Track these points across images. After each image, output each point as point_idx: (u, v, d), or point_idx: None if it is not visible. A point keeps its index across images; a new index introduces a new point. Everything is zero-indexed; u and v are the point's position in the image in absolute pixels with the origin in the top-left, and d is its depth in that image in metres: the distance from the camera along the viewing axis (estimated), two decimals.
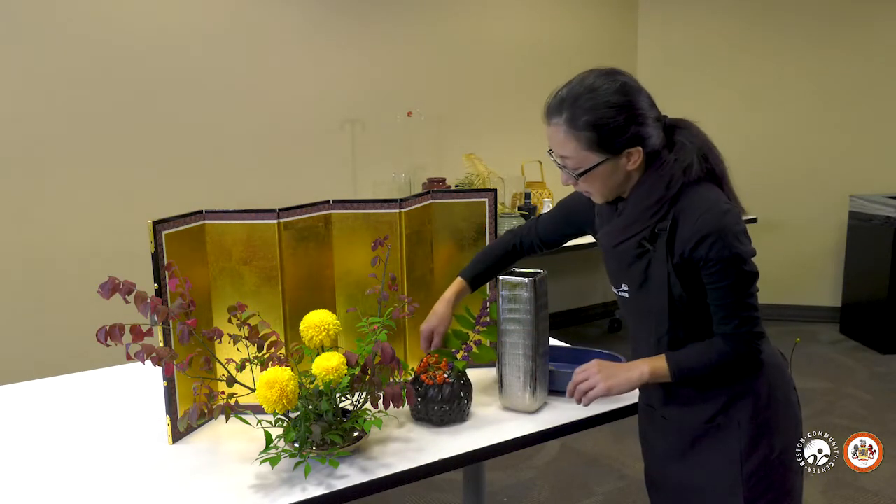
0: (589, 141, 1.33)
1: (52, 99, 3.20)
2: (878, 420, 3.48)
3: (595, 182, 1.39)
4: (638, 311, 1.48)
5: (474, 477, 2.07)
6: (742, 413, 1.41)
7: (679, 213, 1.36)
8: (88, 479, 1.39)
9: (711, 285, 1.35)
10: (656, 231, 1.37)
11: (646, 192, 1.38)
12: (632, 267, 1.43)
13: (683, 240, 1.34)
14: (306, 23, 3.82)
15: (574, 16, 4.78)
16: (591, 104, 1.33)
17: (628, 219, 1.40)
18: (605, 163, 1.35)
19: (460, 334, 1.70)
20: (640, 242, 1.39)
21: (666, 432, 1.50)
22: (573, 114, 1.33)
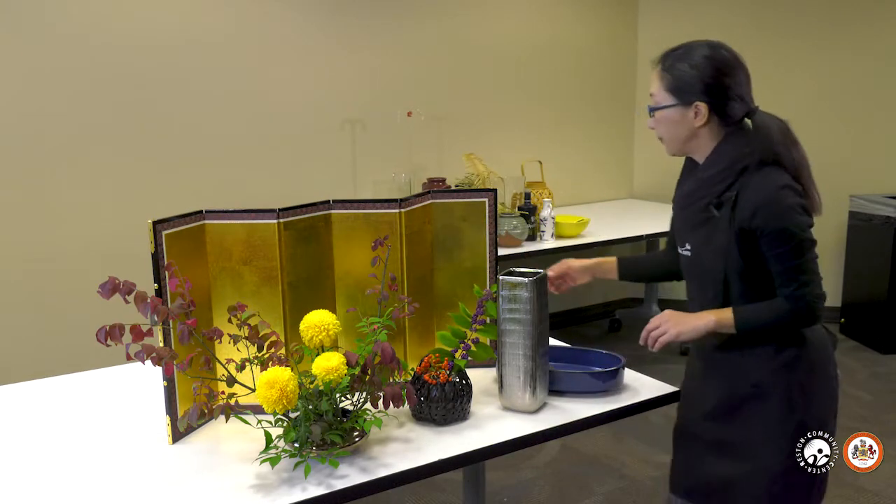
0: (667, 83, 1.58)
1: (52, 99, 3.20)
2: (878, 420, 3.48)
3: (664, 124, 1.61)
4: (697, 271, 1.64)
5: (474, 477, 2.07)
6: (784, 379, 1.56)
7: (742, 187, 1.52)
8: (88, 479, 1.39)
9: (770, 252, 1.51)
10: (722, 199, 1.54)
11: (712, 162, 1.57)
12: (696, 229, 1.61)
13: (743, 210, 1.51)
14: (306, 23, 3.82)
15: (574, 16, 4.78)
16: (681, 56, 1.58)
17: (697, 183, 1.59)
18: (674, 107, 1.57)
19: (458, 333, 1.70)
20: (706, 206, 1.56)
21: (711, 393, 1.64)
22: (666, 63, 1.60)
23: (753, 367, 1.58)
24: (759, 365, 1.58)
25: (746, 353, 1.59)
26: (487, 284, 1.86)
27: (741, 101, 1.56)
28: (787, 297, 1.51)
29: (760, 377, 1.57)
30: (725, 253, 1.54)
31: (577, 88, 4.82)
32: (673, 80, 1.57)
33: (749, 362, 1.59)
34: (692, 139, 1.59)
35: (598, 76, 4.87)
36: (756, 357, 1.58)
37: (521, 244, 3.62)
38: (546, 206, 3.74)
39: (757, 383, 1.57)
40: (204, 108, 3.56)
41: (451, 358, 1.63)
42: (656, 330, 1.57)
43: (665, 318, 1.58)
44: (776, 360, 1.56)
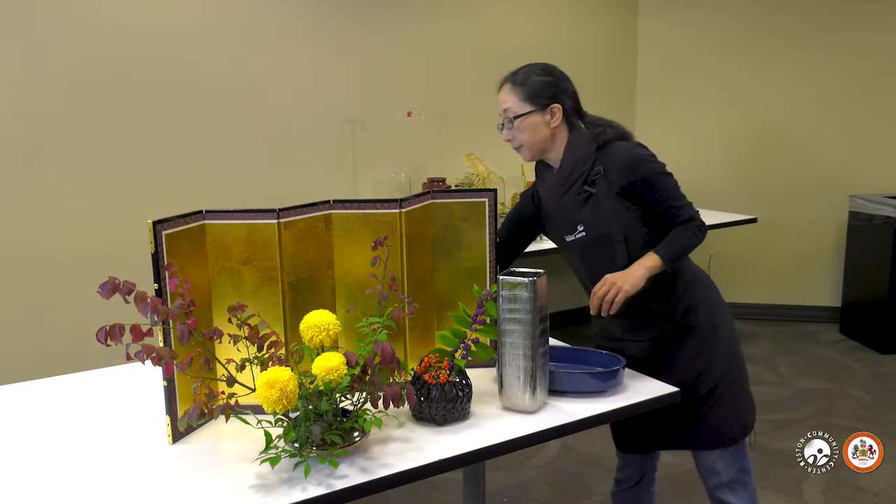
0: (523, 94, 1.81)
1: (52, 99, 3.20)
2: (878, 420, 3.48)
3: (526, 131, 1.81)
4: (596, 242, 1.81)
5: (474, 477, 2.07)
6: (694, 318, 1.83)
7: (606, 159, 1.78)
8: (88, 479, 1.39)
9: (651, 197, 1.76)
10: (592, 177, 1.78)
11: (574, 148, 1.82)
12: (582, 210, 1.81)
13: (616, 173, 1.76)
14: (307, 23, 3.82)
15: (574, 16, 4.78)
16: (528, 72, 1.86)
17: (565, 172, 1.82)
18: (534, 113, 1.80)
19: (458, 333, 1.70)
20: (581, 188, 1.79)
21: (633, 353, 1.85)
22: (517, 78, 1.85)
23: (665, 319, 1.83)
24: (668, 316, 1.83)
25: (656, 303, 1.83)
26: (487, 284, 1.86)
27: (576, 103, 1.85)
28: (682, 222, 1.76)
29: (671, 325, 1.83)
30: (615, 216, 1.76)
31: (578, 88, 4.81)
32: (528, 90, 1.81)
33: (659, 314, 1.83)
34: (550, 139, 1.82)
35: (598, 76, 4.86)
36: (664, 310, 1.83)
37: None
38: None
39: (671, 329, 1.83)
40: (204, 109, 3.56)
41: (451, 358, 1.63)
42: (609, 294, 1.70)
43: (611, 280, 1.72)
44: (680, 305, 1.83)
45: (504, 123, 1.85)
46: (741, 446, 1.88)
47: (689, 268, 1.90)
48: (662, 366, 1.84)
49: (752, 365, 4.07)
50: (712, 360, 1.84)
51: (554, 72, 1.88)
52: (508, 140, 1.86)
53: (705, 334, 1.85)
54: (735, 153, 5.09)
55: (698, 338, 1.84)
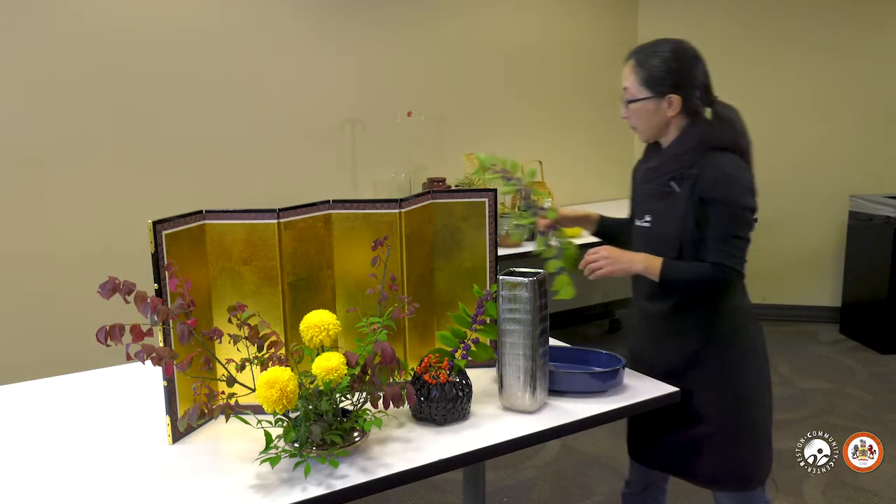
0: (642, 77, 1.73)
1: (52, 98, 3.20)
2: (878, 420, 3.48)
3: (639, 115, 1.76)
4: (653, 239, 1.78)
5: (474, 477, 2.07)
6: (716, 353, 1.75)
7: (703, 166, 1.69)
8: (88, 480, 1.39)
9: (711, 220, 1.67)
10: (684, 176, 1.70)
11: (680, 143, 1.73)
12: (657, 202, 1.77)
13: (703, 183, 1.68)
14: (307, 23, 3.82)
15: (574, 16, 4.78)
16: (652, 52, 1.74)
17: (663, 160, 1.76)
18: (649, 99, 1.72)
19: (458, 333, 1.70)
20: (668, 182, 1.73)
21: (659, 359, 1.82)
22: (639, 58, 1.75)
23: (689, 338, 1.76)
24: (693, 336, 1.76)
25: (683, 322, 1.77)
26: (487, 284, 1.86)
27: (704, 91, 1.74)
28: (712, 262, 1.67)
29: (695, 348, 1.76)
30: (683, 221, 1.70)
31: (578, 88, 4.82)
32: (647, 75, 1.72)
33: (685, 332, 1.77)
34: (664, 127, 1.76)
35: (598, 76, 4.86)
36: (691, 329, 1.76)
37: (521, 244, 3.62)
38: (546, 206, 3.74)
39: (693, 353, 1.76)
40: (204, 109, 3.56)
41: (451, 358, 1.63)
42: (594, 263, 1.74)
43: (603, 253, 1.74)
44: (708, 331, 1.75)
45: (623, 100, 1.80)
46: (752, 496, 1.81)
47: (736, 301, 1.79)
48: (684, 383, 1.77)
49: None
50: (732, 396, 1.76)
51: (683, 56, 1.73)
52: (625, 118, 1.81)
53: (729, 367, 1.76)
54: None
55: (720, 368, 1.76)
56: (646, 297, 1.84)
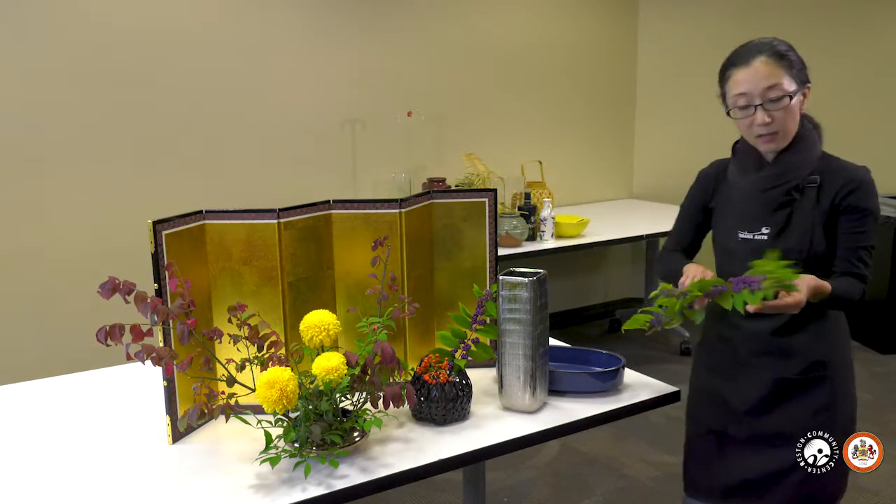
0: (788, 68, 1.57)
1: (52, 99, 3.20)
2: (878, 420, 3.48)
3: (792, 114, 1.59)
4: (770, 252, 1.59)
5: (474, 477, 2.07)
6: (830, 371, 1.64)
7: (824, 170, 1.62)
8: (88, 479, 1.39)
9: (851, 230, 1.59)
10: (805, 184, 1.61)
11: (808, 146, 1.64)
12: (776, 212, 1.64)
13: (835, 189, 1.59)
14: (306, 23, 3.82)
15: (574, 16, 4.78)
16: (784, 45, 1.60)
17: (788, 166, 1.62)
18: (797, 93, 1.58)
19: (458, 333, 1.70)
20: (789, 191, 1.62)
21: (752, 387, 1.68)
22: (779, 51, 1.58)
23: (799, 359, 1.64)
24: (804, 357, 1.64)
25: (793, 342, 1.64)
26: (487, 284, 1.86)
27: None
28: (857, 275, 1.59)
29: (818, 356, 1.64)
30: (810, 232, 1.59)
31: (578, 88, 4.82)
32: (792, 65, 1.58)
33: (794, 352, 1.64)
34: (794, 131, 1.62)
35: (599, 76, 4.86)
36: (802, 349, 1.64)
37: (521, 244, 3.62)
38: (546, 206, 3.74)
39: (801, 377, 1.64)
40: (204, 108, 3.56)
41: (451, 358, 1.63)
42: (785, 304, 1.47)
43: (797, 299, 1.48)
44: (820, 351, 1.64)
45: (762, 104, 1.57)
46: None
47: (842, 318, 1.72)
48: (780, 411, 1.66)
49: None
50: (839, 426, 1.64)
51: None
52: (766, 123, 1.58)
53: (839, 392, 1.66)
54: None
55: (827, 395, 1.65)
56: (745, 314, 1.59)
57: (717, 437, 1.75)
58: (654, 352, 4.49)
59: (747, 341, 1.69)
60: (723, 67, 1.66)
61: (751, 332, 1.68)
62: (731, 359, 1.73)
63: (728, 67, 1.64)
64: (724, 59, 1.66)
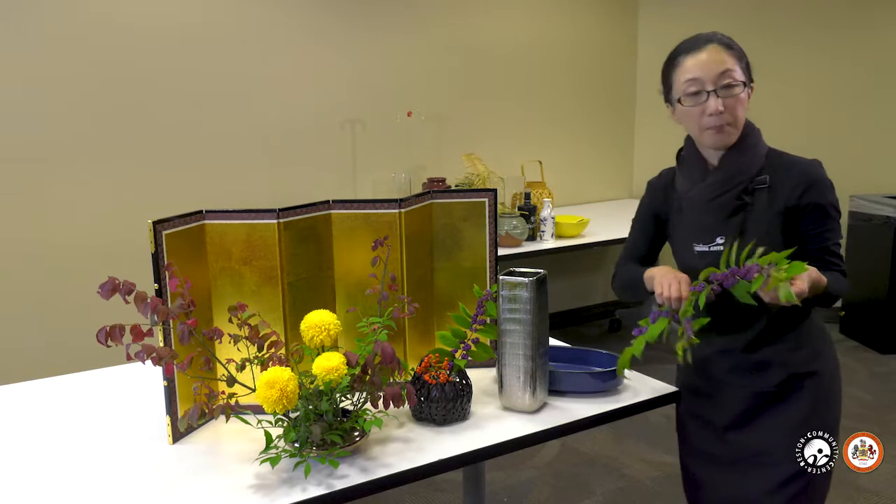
0: (738, 58, 1.52)
1: (52, 99, 3.20)
2: (878, 420, 3.48)
3: (742, 105, 1.52)
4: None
5: (474, 477, 2.07)
6: (809, 379, 1.57)
7: (773, 168, 1.54)
8: (88, 479, 1.39)
9: (817, 229, 1.51)
10: (754, 185, 1.53)
11: (752, 143, 1.55)
12: (730, 219, 1.55)
13: (788, 189, 1.51)
14: (306, 23, 3.82)
15: (574, 17, 4.78)
16: (723, 36, 1.55)
17: (731, 170, 1.54)
18: (747, 87, 1.52)
19: (458, 333, 1.70)
20: (739, 195, 1.53)
21: (731, 401, 1.62)
22: (723, 41, 1.54)
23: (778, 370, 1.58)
24: (784, 366, 1.58)
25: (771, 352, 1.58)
26: (487, 284, 1.86)
27: None
28: (836, 271, 1.51)
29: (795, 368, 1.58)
30: (766, 236, 1.49)
31: (577, 88, 4.82)
32: (742, 57, 1.54)
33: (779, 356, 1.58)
34: (741, 127, 1.55)
35: (598, 76, 4.87)
36: (782, 358, 1.58)
37: (521, 244, 3.63)
38: (546, 206, 3.75)
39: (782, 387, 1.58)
40: (204, 108, 3.56)
41: (451, 358, 1.63)
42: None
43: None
44: (802, 359, 1.58)
45: (716, 91, 1.50)
46: None
47: (819, 324, 1.65)
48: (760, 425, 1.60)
49: None
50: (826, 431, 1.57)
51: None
52: (720, 112, 1.50)
53: (820, 402, 1.59)
54: None
55: (812, 403, 1.58)
56: (719, 326, 1.58)
57: (706, 458, 1.69)
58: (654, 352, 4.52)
59: (720, 359, 1.63)
60: (669, 57, 1.61)
61: (723, 349, 1.62)
62: (707, 377, 1.67)
63: (676, 56, 1.58)
64: (670, 52, 1.62)
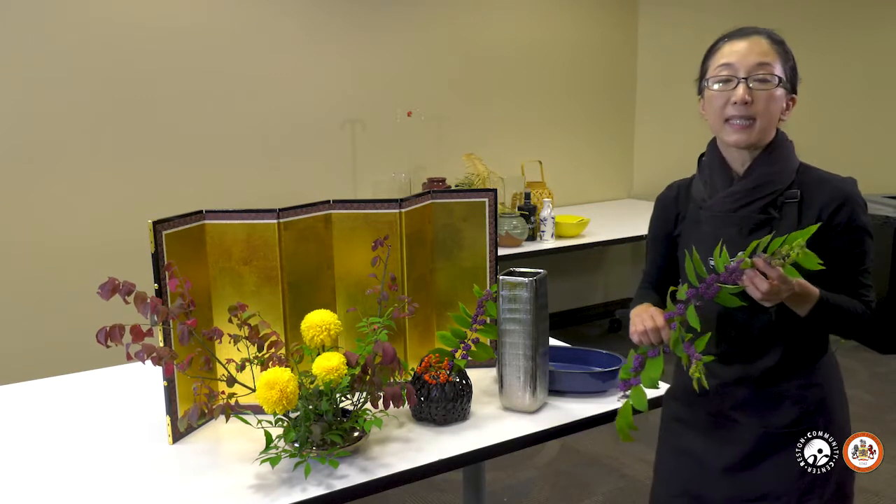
0: (784, 57, 1.40)
1: (52, 99, 3.20)
2: (878, 420, 3.48)
3: (774, 103, 1.38)
4: None
5: (474, 477, 2.07)
6: (823, 418, 1.43)
7: (804, 183, 1.40)
8: (88, 479, 1.39)
9: (847, 250, 1.38)
10: (784, 199, 1.39)
11: (785, 155, 1.41)
12: (752, 235, 1.38)
13: (821, 205, 1.37)
14: (306, 23, 3.82)
15: (574, 17, 4.78)
16: (781, 40, 1.44)
17: (759, 179, 1.40)
18: (781, 86, 1.38)
19: (458, 333, 1.70)
20: (765, 208, 1.39)
21: (732, 440, 1.45)
22: (773, 36, 1.42)
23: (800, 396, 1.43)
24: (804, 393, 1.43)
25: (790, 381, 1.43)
26: (487, 284, 1.86)
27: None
28: (862, 301, 1.39)
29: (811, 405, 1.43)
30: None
31: (577, 88, 4.82)
32: (789, 62, 1.41)
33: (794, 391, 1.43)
34: (772, 130, 1.42)
35: (598, 76, 4.87)
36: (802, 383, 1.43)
37: (521, 244, 3.63)
38: (546, 206, 3.74)
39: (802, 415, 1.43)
40: (204, 108, 3.56)
41: (451, 358, 1.63)
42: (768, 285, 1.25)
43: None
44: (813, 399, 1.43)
45: (748, 80, 1.37)
46: None
47: (833, 358, 1.51)
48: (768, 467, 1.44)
49: None
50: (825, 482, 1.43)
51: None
52: (745, 102, 1.36)
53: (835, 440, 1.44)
54: None
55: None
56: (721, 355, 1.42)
57: (690, 499, 1.53)
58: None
59: (726, 390, 1.46)
60: (714, 43, 1.49)
61: (730, 380, 1.45)
62: (706, 410, 1.50)
63: (720, 41, 1.47)
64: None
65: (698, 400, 1.48)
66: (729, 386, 1.45)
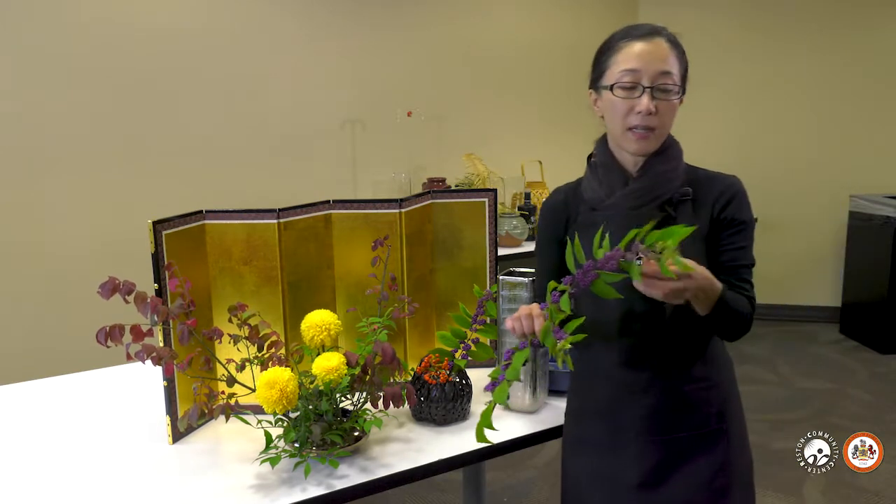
0: (681, 62, 1.38)
1: (52, 99, 3.20)
2: (878, 420, 3.48)
3: (671, 114, 1.36)
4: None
5: (474, 477, 2.07)
6: (726, 423, 1.39)
7: (694, 181, 1.40)
8: (88, 479, 1.39)
9: (731, 246, 1.38)
10: (677, 197, 1.38)
11: (675, 154, 1.41)
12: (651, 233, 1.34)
13: (711, 200, 1.38)
14: (307, 23, 3.82)
15: (574, 17, 4.78)
16: (675, 37, 1.41)
17: (659, 177, 1.38)
18: (679, 93, 1.37)
19: (458, 333, 1.70)
20: (662, 206, 1.37)
21: (641, 454, 1.39)
22: (671, 38, 1.39)
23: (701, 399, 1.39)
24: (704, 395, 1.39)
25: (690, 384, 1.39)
26: (487, 284, 1.86)
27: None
28: (742, 293, 1.35)
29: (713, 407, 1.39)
30: (689, 249, 1.28)
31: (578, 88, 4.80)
32: (684, 64, 1.39)
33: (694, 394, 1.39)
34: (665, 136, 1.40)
35: None
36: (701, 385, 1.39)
37: (521, 244, 3.63)
38: None
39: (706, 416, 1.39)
40: (204, 109, 3.56)
41: (451, 358, 1.63)
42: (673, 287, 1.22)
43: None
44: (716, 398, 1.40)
45: (652, 89, 1.34)
46: None
47: (727, 355, 1.48)
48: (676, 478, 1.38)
49: (751, 365, 4.08)
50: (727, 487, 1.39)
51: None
52: (650, 113, 1.33)
53: (730, 450, 1.40)
54: (735, 153, 5.09)
55: (724, 452, 1.39)
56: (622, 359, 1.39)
57: None
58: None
59: (628, 398, 1.40)
60: (608, 40, 1.44)
61: (637, 388, 1.39)
62: (612, 424, 1.42)
63: (618, 39, 1.41)
64: (609, 36, 1.45)
65: (603, 413, 1.43)
66: (636, 394, 1.39)
